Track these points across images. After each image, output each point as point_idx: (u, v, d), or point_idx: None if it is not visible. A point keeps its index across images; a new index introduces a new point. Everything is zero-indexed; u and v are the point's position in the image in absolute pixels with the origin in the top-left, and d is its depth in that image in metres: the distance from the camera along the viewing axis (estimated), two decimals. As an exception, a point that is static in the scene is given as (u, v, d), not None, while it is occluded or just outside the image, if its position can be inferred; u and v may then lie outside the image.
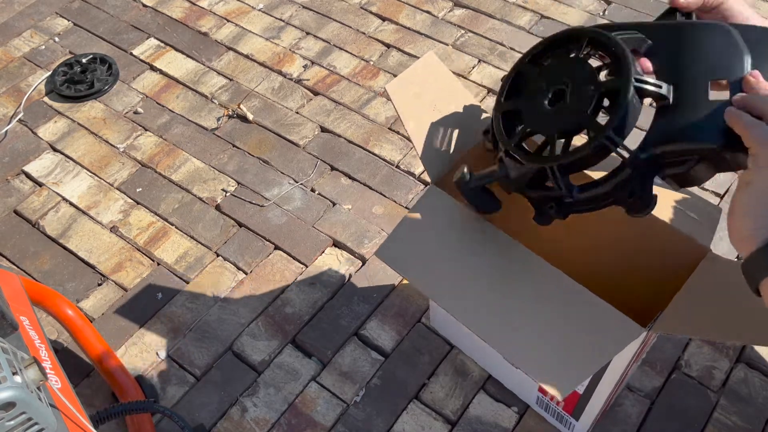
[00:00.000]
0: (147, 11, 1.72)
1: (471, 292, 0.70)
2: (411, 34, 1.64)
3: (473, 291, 0.72)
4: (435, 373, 1.12)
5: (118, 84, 1.56)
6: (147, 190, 1.37)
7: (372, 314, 1.19)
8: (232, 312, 1.19)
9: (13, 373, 0.63)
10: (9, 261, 1.27)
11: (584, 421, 0.98)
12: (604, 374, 0.83)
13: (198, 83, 1.56)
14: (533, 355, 0.68)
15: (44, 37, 1.67)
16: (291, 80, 1.55)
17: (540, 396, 1.01)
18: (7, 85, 1.56)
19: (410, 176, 1.37)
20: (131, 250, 1.28)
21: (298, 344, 1.16)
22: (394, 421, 1.07)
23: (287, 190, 1.36)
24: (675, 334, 0.66)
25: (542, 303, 0.71)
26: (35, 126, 1.48)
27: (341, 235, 1.29)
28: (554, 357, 0.67)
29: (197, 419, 1.08)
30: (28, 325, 0.85)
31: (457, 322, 1.08)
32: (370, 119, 1.47)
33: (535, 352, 0.68)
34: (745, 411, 1.07)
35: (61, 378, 0.82)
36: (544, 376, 0.66)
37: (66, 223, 1.32)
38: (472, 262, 0.75)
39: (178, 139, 1.45)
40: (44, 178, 1.39)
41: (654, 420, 1.07)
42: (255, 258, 1.26)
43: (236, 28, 1.68)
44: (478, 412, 1.08)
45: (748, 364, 1.12)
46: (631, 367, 0.88)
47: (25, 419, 0.62)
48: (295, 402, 1.10)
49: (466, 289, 0.71)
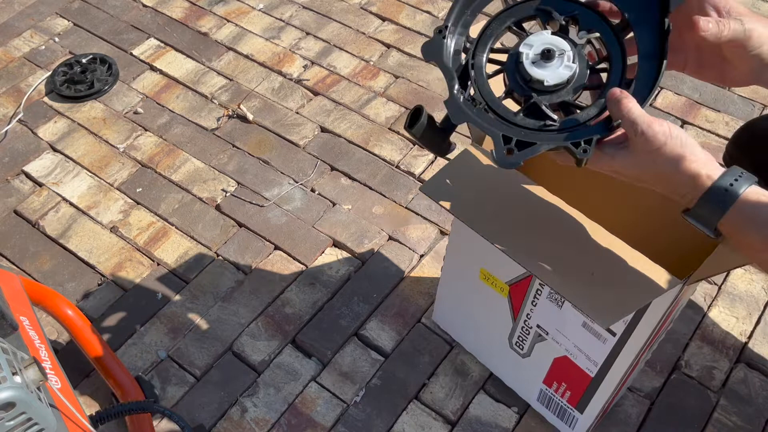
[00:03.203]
0: (147, 11, 1.72)
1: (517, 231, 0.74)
2: (411, 34, 1.64)
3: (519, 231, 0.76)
4: (435, 373, 1.12)
5: (118, 84, 1.56)
6: (147, 190, 1.37)
7: (372, 314, 1.19)
8: (232, 312, 1.19)
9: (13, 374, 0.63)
10: (9, 261, 1.27)
11: (588, 414, 0.98)
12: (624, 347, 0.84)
13: (198, 83, 1.56)
14: (581, 291, 0.72)
15: (44, 37, 1.67)
16: (291, 80, 1.55)
17: (543, 388, 1.01)
18: (7, 85, 1.56)
19: (410, 176, 1.37)
20: (131, 250, 1.28)
21: (298, 344, 1.16)
22: (394, 422, 1.07)
23: (287, 190, 1.36)
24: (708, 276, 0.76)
25: (588, 251, 0.76)
26: (35, 126, 1.48)
27: (341, 235, 1.29)
28: (600, 294, 0.72)
29: (197, 419, 1.08)
30: (28, 325, 0.85)
31: (461, 315, 1.09)
32: (370, 119, 1.47)
33: (582, 289, 0.72)
34: (745, 411, 1.07)
35: (61, 378, 0.82)
36: (592, 307, 0.70)
37: (66, 223, 1.32)
38: (516, 207, 0.80)
39: (178, 139, 1.45)
40: (44, 178, 1.39)
41: (654, 420, 1.07)
42: (255, 258, 1.26)
43: (236, 28, 1.68)
44: (478, 412, 1.08)
45: (748, 364, 1.12)
46: (640, 358, 0.89)
47: (25, 419, 0.62)
48: (295, 402, 1.10)
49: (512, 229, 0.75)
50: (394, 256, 1.26)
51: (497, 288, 0.94)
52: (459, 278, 1.02)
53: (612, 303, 0.71)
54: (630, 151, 0.62)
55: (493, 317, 0.99)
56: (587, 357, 0.90)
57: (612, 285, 0.73)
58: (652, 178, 0.63)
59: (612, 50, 0.67)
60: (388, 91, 1.53)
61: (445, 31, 0.68)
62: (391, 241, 1.28)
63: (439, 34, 0.68)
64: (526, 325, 0.94)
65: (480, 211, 0.81)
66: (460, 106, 0.67)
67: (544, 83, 0.65)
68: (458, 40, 0.69)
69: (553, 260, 0.75)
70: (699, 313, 1.18)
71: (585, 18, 0.68)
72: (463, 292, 1.03)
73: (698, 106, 1.48)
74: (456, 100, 0.67)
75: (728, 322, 1.17)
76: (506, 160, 0.65)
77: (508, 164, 0.64)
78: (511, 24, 0.69)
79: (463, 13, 0.69)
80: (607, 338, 0.85)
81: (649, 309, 0.78)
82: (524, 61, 0.66)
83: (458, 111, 0.67)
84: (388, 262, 1.25)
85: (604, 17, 0.68)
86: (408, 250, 1.27)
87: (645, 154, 0.61)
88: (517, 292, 0.91)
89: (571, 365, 0.93)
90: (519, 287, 0.90)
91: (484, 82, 0.68)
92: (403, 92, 1.52)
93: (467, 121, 0.67)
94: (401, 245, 1.27)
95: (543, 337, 0.93)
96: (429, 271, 1.24)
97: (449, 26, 0.68)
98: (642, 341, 0.83)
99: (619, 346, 0.84)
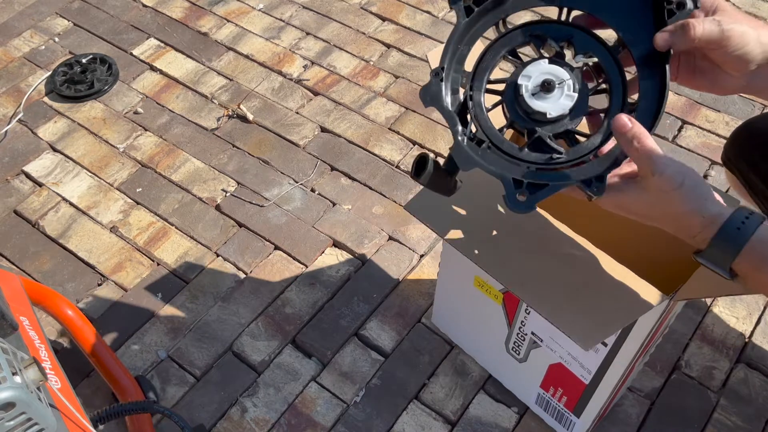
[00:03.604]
0: (147, 11, 1.72)
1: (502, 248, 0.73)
2: (411, 34, 1.64)
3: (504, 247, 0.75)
4: (435, 373, 1.12)
5: (118, 84, 1.56)
6: (147, 190, 1.37)
7: (372, 314, 1.19)
8: (232, 312, 1.19)
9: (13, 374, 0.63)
10: (9, 261, 1.27)
11: (585, 418, 0.98)
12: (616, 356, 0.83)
13: (198, 83, 1.56)
14: (563, 311, 0.71)
15: (44, 37, 1.67)
16: (291, 80, 1.55)
17: (541, 392, 1.01)
18: (7, 85, 1.56)
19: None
20: (131, 250, 1.28)
21: (298, 344, 1.16)
22: (394, 422, 1.07)
23: (287, 190, 1.36)
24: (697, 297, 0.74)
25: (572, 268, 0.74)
26: (35, 126, 1.48)
27: (341, 235, 1.29)
28: (583, 314, 0.71)
29: (197, 419, 1.08)
30: (28, 325, 0.85)
31: (458, 319, 1.09)
32: (370, 119, 1.47)
33: (564, 309, 0.71)
34: (745, 411, 1.07)
35: (61, 378, 0.82)
36: (573, 329, 0.69)
37: (66, 223, 1.32)
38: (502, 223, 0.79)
39: (178, 139, 1.45)
40: (44, 178, 1.39)
41: (654, 420, 1.07)
42: (255, 258, 1.26)
43: (236, 28, 1.68)
44: (478, 412, 1.08)
45: (748, 364, 1.12)
46: (635, 364, 0.88)
47: (24, 419, 0.62)
48: (295, 402, 1.10)
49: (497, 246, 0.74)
50: (394, 256, 1.26)
51: (492, 295, 0.93)
52: (455, 284, 1.01)
53: (594, 324, 0.70)
54: (642, 188, 0.60)
55: (489, 323, 0.98)
56: (581, 365, 0.89)
57: (596, 303, 0.71)
58: (662, 217, 0.61)
59: (611, 73, 0.65)
60: (388, 91, 1.53)
61: (441, 73, 0.66)
62: (391, 241, 1.28)
63: (436, 77, 0.66)
64: (521, 332, 0.94)
65: (464, 228, 0.79)
66: (467, 153, 0.65)
67: (547, 116, 0.64)
68: (454, 77, 0.67)
69: (536, 278, 0.74)
70: (699, 313, 1.18)
71: (580, 40, 0.66)
72: (459, 298, 1.03)
73: (698, 106, 1.48)
74: (462, 147, 0.65)
75: (728, 322, 1.16)
76: (519, 205, 0.63)
77: (521, 209, 0.63)
78: (505, 53, 0.67)
79: (456, 50, 0.67)
80: (599, 348, 0.84)
81: (636, 324, 0.77)
82: (524, 93, 0.64)
83: (466, 158, 0.65)
84: (388, 262, 1.25)
85: (598, 38, 0.66)
86: (408, 250, 1.27)
87: (659, 194, 0.59)
88: (511, 299, 0.90)
89: (566, 372, 0.92)
90: (512, 295, 0.89)
91: (485, 118, 0.66)
92: (403, 92, 1.52)
93: (475, 166, 0.65)
94: (401, 245, 1.27)
95: (538, 344, 0.93)
96: (429, 271, 1.24)
97: (445, 67, 0.66)
98: (634, 351, 0.83)
99: (612, 355, 0.84)
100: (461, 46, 0.67)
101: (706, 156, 1.39)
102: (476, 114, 0.66)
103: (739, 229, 0.58)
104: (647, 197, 0.60)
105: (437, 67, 0.66)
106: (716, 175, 1.36)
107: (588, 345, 0.69)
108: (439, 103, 0.66)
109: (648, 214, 0.62)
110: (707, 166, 1.38)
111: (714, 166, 1.38)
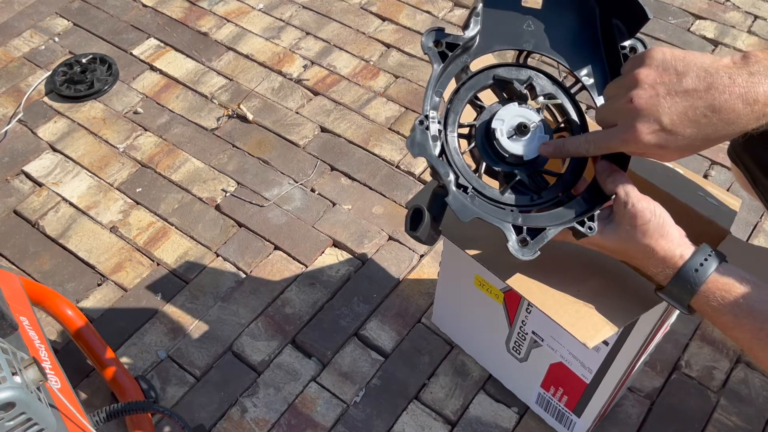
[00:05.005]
0: (147, 11, 1.72)
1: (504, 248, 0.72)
2: (411, 34, 1.64)
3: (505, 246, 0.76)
4: (435, 373, 1.12)
5: (117, 84, 1.56)
6: (147, 190, 1.37)
7: (372, 314, 1.19)
8: (232, 312, 1.19)
9: (13, 374, 0.63)
10: (9, 261, 1.27)
11: (585, 418, 0.98)
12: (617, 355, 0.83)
13: (198, 83, 1.56)
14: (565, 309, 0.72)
15: (44, 37, 1.67)
16: (291, 80, 1.55)
17: (541, 392, 1.01)
18: (7, 85, 1.56)
19: (410, 176, 1.37)
20: (131, 250, 1.28)
21: (298, 344, 1.16)
22: (394, 422, 1.07)
23: (287, 190, 1.36)
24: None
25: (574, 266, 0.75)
26: (35, 126, 1.48)
27: (341, 235, 1.29)
28: (585, 312, 0.72)
29: (197, 419, 1.08)
30: (27, 325, 0.85)
31: (459, 318, 1.09)
32: (370, 119, 1.47)
33: (566, 307, 0.72)
34: (745, 411, 1.07)
35: (60, 378, 0.82)
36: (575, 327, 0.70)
37: (66, 223, 1.32)
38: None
39: (178, 139, 1.45)
40: (44, 178, 1.39)
41: (654, 420, 1.07)
42: (255, 258, 1.26)
43: (236, 28, 1.68)
44: (478, 412, 1.08)
45: (748, 364, 1.12)
46: (635, 364, 0.88)
47: (24, 419, 0.62)
48: (295, 402, 1.10)
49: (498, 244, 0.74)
50: (394, 256, 1.26)
51: (492, 294, 0.93)
52: (455, 283, 1.01)
53: (596, 321, 0.71)
54: (616, 224, 0.64)
55: (489, 322, 0.98)
56: (582, 364, 0.89)
57: (598, 301, 0.72)
58: (633, 252, 0.65)
59: (570, 113, 0.68)
60: (388, 91, 1.53)
61: (426, 121, 0.63)
62: (391, 241, 1.28)
63: (421, 125, 0.63)
64: (522, 332, 0.94)
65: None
66: (464, 203, 0.64)
67: (523, 158, 0.65)
68: (433, 126, 0.65)
69: (538, 276, 0.75)
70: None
71: (539, 82, 0.68)
72: (459, 297, 1.03)
73: (698, 106, 1.48)
74: (458, 197, 0.64)
75: (728, 322, 1.16)
76: (523, 252, 0.64)
77: (526, 255, 0.64)
78: (471, 98, 0.68)
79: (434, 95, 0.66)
80: (600, 347, 0.84)
81: (638, 323, 0.78)
82: (499, 137, 0.65)
83: (464, 208, 0.64)
84: (388, 262, 1.25)
85: (554, 79, 0.68)
86: (408, 250, 1.27)
87: (630, 228, 0.63)
88: (512, 298, 0.90)
89: (567, 371, 0.92)
90: (513, 294, 0.89)
91: (463, 164, 0.66)
92: (403, 92, 1.52)
93: (474, 216, 0.64)
94: (401, 245, 1.27)
95: (539, 343, 0.93)
96: (429, 271, 1.24)
97: (428, 115, 0.64)
98: (635, 349, 0.83)
99: (613, 354, 0.84)
100: (438, 90, 0.67)
101: (706, 156, 1.39)
102: (454, 160, 0.66)
103: (697, 271, 0.62)
104: (619, 232, 0.64)
105: (421, 116, 0.64)
106: (716, 175, 1.36)
107: (591, 343, 0.70)
108: (426, 152, 0.63)
109: (620, 249, 0.65)
110: (707, 166, 1.38)
111: (714, 166, 1.38)
